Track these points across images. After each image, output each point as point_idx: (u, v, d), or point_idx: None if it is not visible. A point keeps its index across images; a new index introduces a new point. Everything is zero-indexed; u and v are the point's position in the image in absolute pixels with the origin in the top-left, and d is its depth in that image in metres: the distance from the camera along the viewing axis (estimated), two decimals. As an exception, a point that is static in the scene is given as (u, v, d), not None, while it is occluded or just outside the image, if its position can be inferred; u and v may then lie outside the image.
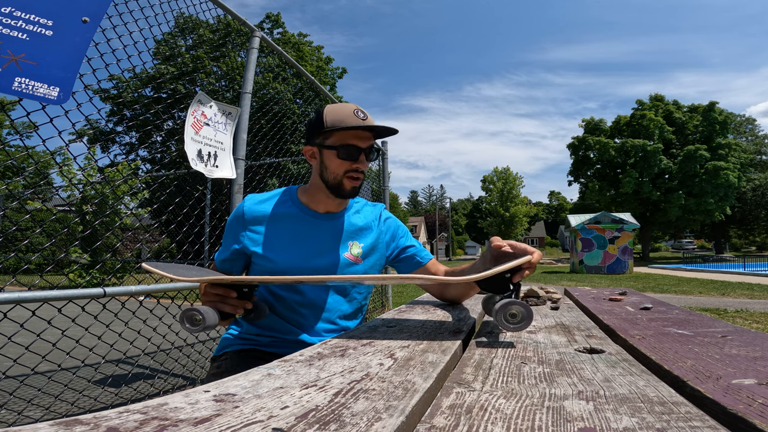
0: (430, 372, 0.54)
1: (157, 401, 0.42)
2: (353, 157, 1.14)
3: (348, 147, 1.13)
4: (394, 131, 1.17)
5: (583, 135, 31.94)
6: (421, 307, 1.18)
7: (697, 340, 0.73)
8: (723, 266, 18.43)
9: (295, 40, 20.66)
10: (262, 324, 1.17)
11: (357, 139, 1.14)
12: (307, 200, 1.21)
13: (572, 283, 10.35)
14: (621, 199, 28.57)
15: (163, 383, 2.72)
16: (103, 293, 1.71)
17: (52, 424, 0.35)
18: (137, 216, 8.59)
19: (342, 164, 1.14)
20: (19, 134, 3.24)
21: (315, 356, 0.64)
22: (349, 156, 1.13)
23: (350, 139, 1.13)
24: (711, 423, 0.40)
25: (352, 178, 1.15)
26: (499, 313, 0.74)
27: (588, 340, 0.79)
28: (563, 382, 0.53)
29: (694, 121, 28.90)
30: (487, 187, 42.12)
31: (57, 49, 1.45)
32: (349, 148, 1.13)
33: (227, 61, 9.62)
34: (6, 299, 1.43)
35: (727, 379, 0.50)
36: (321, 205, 1.20)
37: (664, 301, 1.30)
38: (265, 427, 0.36)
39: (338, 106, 1.15)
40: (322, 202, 1.20)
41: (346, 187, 1.15)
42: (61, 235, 3.23)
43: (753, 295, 7.37)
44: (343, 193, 1.16)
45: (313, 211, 1.19)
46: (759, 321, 4.64)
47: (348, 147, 1.13)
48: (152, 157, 17.19)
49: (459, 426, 0.39)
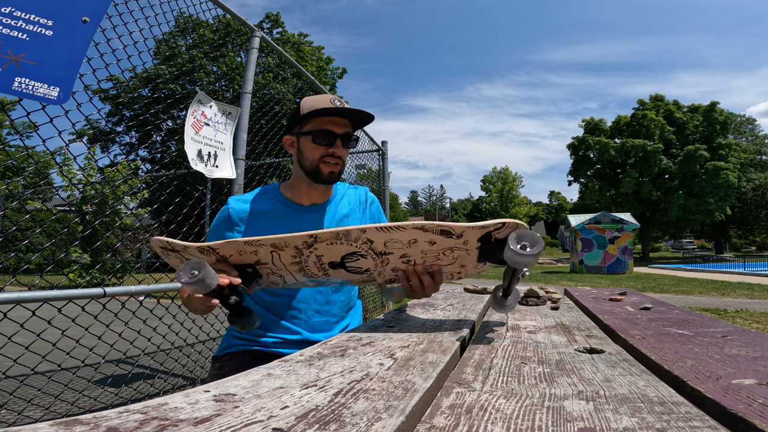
0: (430, 372, 0.54)
1: (157, 401, 0.42)
2: (328, 141, 1.15)
3: (322, 132, 1.14)
4: (369, 117, 1.18)
5: (583, 135, 31.96)
6: (421, 307, 1.18)
7: (697, 340, 0.73)
8: (723, 266, 18.44)
9: (295, 39, 20.68)
10: (262, 325, 1.17)
11: (332, 125, 1.15)
12: (290, 194, 1.23)
13: (572, 283, 10.34)
14: (621, 199, 28.58)
15: (163, 383, 2.72)
16: (103, 293, 1.71)
17: (52, 424, 0.35)
18: (137, 216, 8.59)
19: (317, 149, 1.15)
20: (19, 134, 3.24)
21: (315, 356, 0.63)
22: (324, 140, 1.15)
23: (325, 125, 1.15)
24: (711, 423, 0.40)
25: (328, 164, 1.16)
26: (511, 245, 0.75)
27: (588, 340, 0.79)
28: (563, 382, 0.53)
29: (695, 121, 28.90)
30: (487, 187, 42.15)
31: (57, 49, 1.45)
32: (324, 133, 1.15)
33: (227, 61, 9.62)
34: (6, 299, 1.43)
35: (727, 379, 0.50)
36: (304, 198, 1.22)
37: (664, 301, 1.30)
38: (265, 427, 0.36)
39: (316, 96, 1.18)
40: (305, 194, 1.22)
41: (323, 172, 1.16)
42: (61, 235, 3.23)
43: (753, 295, 7.37)
44: (322, 178, 1.17)
45: (297, 204, 1.21)
46: (759, 321, 4.64)
47: (322, 132, 1.14)
48: (152, 157, 17.20)
49: (459, 426, 0.39)
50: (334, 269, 0.91)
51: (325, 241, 0.85)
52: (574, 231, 16.07)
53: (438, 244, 0.85)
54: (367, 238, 0.84)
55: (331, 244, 0.86)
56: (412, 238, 0.83)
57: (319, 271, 0.92)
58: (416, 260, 0.88)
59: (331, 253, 0.87)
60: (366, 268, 0.91)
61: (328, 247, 0.86)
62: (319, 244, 0.86)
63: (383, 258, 0.88)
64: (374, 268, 0.91)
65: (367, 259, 0.88)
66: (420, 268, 0.89)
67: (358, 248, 0.86)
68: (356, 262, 0.89)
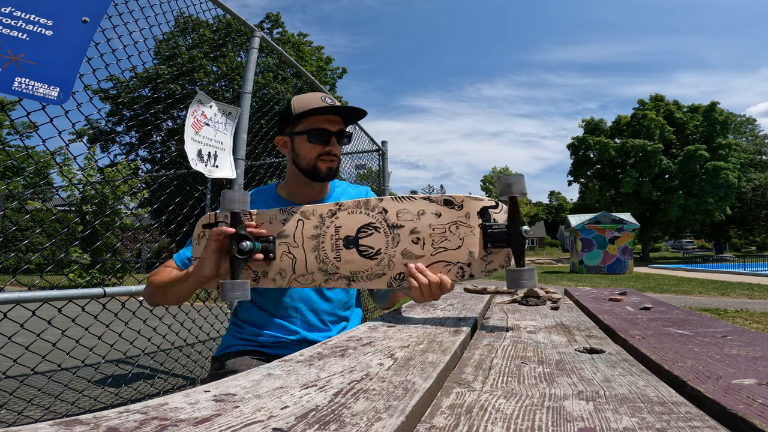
0: (430, 372, 0.54)
1: (157, 401, 0.42)
2: (324, 140, 1.15)
3: (317, 131, 1.14)
4: (362, 112, 1.18)
5: (583, 135, 31.97)
6: (421, 307, 1.18)
7: (697, 340, 0.73)
8: (723, 266, 18.45)
9: (295, 40, 20.67)
10: (261, 325, 1.17)
11: (326, 123, 1.15)
12: (286, 194, 1.23)
13: (572, 283, 10.34)
14: (621, 199, 28.59)
15: (163, 383, 2.72)
16: (103, 293, 1.71)
17: (52, 424, 0.35)
18: (137, 216, 8.59)
19: (313, 148, 1.15)
20: (19, 134, 3.24)
21: (315, 356, 0.63)
22: (320, 139, 1.15)
23: (319, 123, 1.15)
24: (711, 423, 0.40)
25: (325, 161, 1.16)
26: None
27: (588, 340, 0.79)
28: (563, 382, 0.53)
29: (695, 121, 28.92)
30: (487, 187, 42.16)
31: (57, 49, 1.45)
32: (319, 132, 1.15)
33: (227, 61, 9.63)
34: (6, 299, 1.43)
35: (727, 379, 0.50)
36: (301, 197, 1.22)
37: (664, 301, 1.30)
38: (265, 427, 0.36)
39: (306, 95, 1.18)
40: (301, 193, 1.22)
41: (322, 169, 1.17)
42: (61, 235, 3.22)
43: (753, 295, 7.37)
44: (320, 175, 1.17)
45: (293, 204, 1.20)
46: (759, 321, 4.64)
47: (317, 131, 1.14)
48: (152, 157, 17.20)
49: (459, 426, 0.39)
50: (348, 248, 0.95)
51: (347, 210, 0.97)
52: (574, 231, 16.07)
53: (443, 217, 0.93)
54: (382, 207, 0.96)
55: (351, 213, 0.97)
56: (420, 209, 0.94)
57: (333, 251, 0.96)
58: (425, 239, 0.93)
59: (348, 223, 0.97)
60: (378, 249, 0.94)
61: (348, 216, 0.97)
62: (341, 212, 0.97)
63: (394, 234, 0.94)
64: (385, 249, 0.94)
65: (380, 234, 0.95)
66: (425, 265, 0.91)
67: (374, 218, 0.96)
68: (369, 237, 0.95)
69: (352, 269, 0.95)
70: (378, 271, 0.95)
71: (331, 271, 0.96)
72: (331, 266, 0.96)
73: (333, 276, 0.96)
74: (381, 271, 0.94)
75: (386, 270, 0.94)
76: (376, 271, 0.95)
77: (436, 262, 0.93)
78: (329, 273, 0.97)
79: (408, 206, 0.94)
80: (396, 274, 0.94)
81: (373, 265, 0.95)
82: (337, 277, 0.96)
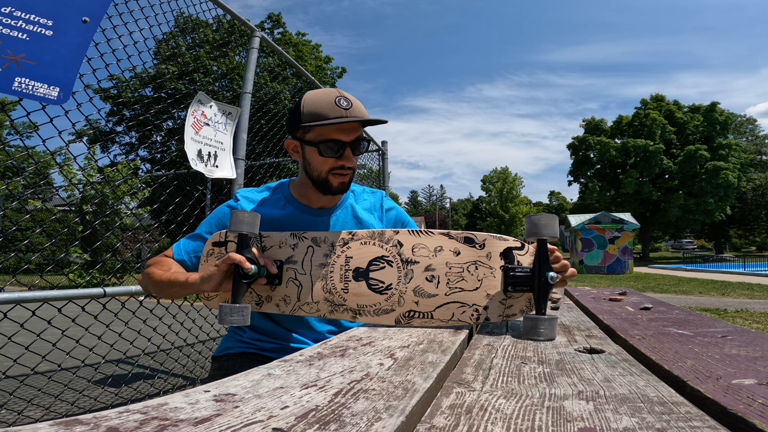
0: (430, 372, 0.54)
1: (157, 401, 0.42)
2: (337, 153, 1.01)
3: (330, 143, 1.00)
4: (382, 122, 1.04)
5: (583, 135, 31.99)
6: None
7: (697, 340, 0.73)
8: (723, 266, 18.44)
9: (296, 40, 20.67)
10: (263, 330, 1.15)
11: (340, 133, 1.00)
12: (299, 195, 1.14)
13: (572, 283, 10.34)
14: (621, 199, 28.61)
15: (163, 383, 2.72)
16: (103, 293, 1.71)
17: (52, 424, 0.35)
18: (137, 216, 8.59)
19: (325, 162, 1.03)
20: (19, 134, 3.24)
21: (315, 356, 0.63)
22: (333, 152, 1.01)
23: (332, 134, 1.00)
24: (711, 423, 0.40)
25: (338, 175, 1.04)
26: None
27: (588, 340, 0.79)
28: (563, 382, 0.53)
29: (695, 121, 28.93)
30: (487, 187, 42.14)
31: (57, 49, 1.45)
32: (331, 144, 1.00)
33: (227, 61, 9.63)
34: (6, 299, 1.43)
35: (727, 379, 0.50)
36: (313, 201, 1.13)
37: (664, 301, 1.30)
38: (265, 427, 0.36)
39: (318, 95, 1.02)
40: (313, 198, 1.12)
41: (334, 184, 1.05)
42: (61, 235, 3.22)
43: (753, 295, 7.37)
44: (331, 190, 1.06)
45: (306, 207, 1.13)
46: (759, 321, 4.64)
47: (330, 143, 1.00)
48: (152, 157, 17.20)
49: (459, 426, 0.39)
50: (357, 281, 0.91)
51: (360, 240, 0.93)
52: (574, 231, 16.08)
53: (462, 255, 0.88)
54: (398, 240, 0.92)
55: (364, 244, 0.93)
56: (438, 245, 0.90)
57: (341, 282, 0.92)
58: (440, 278, 0.87)
59: (360, 254, 0.92)
60: (388, 284, 0.90)
61: (361, 247, 0.93)
62: (354, 242, 0.93)
63: (408, 269, 0.90)
64: (396, 284, 0.89)
65: (393, 268, 0.90)
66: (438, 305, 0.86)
67: (387, 251, 0.91)
68: (381, 271, 0.91)
69: (359, 302, 0.91)
70: (386, 307, 0.90)
71: (337, 302, 0.92)
72: (337, 297, 0.92)
73: (339, 308, 0.92)
74: (390, 307, 0.90)
75: (395, 306, 0.89)
76: (385, 306, 0.90)
77: (451, 302, 0.87)
78: (335, 304, 0.92)
79: (425, 241, 0.90)
80: (406, 311, 0.89)
81: (382, 300, 0.90)
82: (342, 309, 0.92)
